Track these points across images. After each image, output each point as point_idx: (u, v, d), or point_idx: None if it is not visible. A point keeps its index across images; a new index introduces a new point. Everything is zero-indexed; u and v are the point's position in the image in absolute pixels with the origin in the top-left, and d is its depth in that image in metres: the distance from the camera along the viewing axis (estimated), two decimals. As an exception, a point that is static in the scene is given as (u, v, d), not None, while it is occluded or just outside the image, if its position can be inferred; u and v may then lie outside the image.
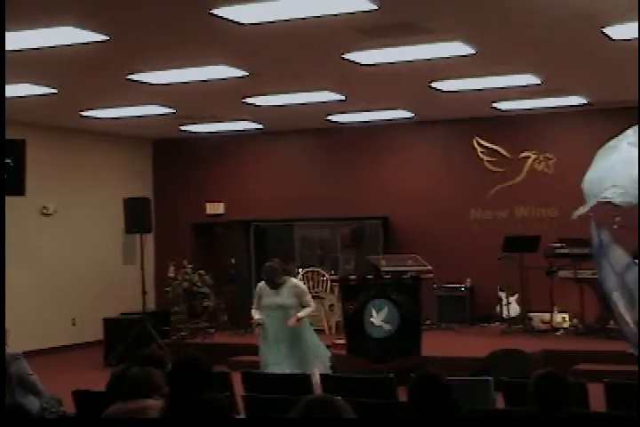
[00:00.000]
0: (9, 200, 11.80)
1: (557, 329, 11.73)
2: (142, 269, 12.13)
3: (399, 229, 13.83)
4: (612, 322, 11.30)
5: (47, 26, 7.42)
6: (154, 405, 4.38)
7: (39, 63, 8.86)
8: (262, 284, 8.54)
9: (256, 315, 8.49)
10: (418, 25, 7.76)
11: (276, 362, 8.19)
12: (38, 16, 7.14)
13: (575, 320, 11.85)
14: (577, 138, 13.02)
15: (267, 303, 8.42)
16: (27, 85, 9.97)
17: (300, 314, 8.36)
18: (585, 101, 12.02)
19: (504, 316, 12.34)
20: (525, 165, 13.25)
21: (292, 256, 14.13)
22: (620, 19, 7.64)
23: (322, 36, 8.09)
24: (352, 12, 7.19)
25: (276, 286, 8.39)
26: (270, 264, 8.53)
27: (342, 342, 10.30)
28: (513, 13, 7.51)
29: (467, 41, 8.38)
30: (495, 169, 13.39)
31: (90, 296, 13.59)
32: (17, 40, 7.79)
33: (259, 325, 8.47)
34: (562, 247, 11.54)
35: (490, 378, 6.17)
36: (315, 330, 12.47)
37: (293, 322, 8.29)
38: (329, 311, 12.80)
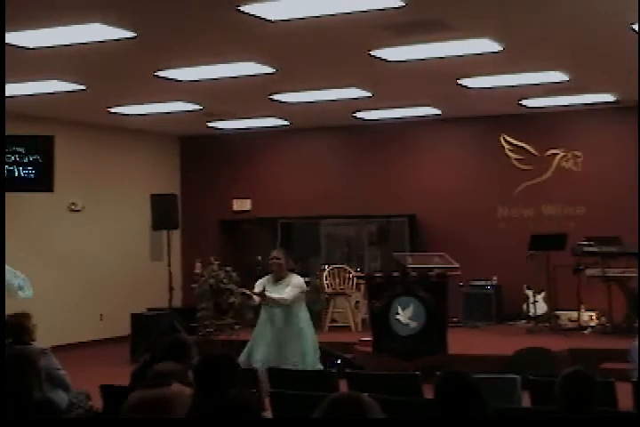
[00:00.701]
0: (37, 196, 11.93)
1: (584, 328, 11.67)
2: (169, 265, 12.18)
3: (426, 226, 13.80)
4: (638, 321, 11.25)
5: (75, 23, 7.47)
6: (179, 391, 4.42)
7: (68, 60, 8.92)
8: (265, 278, 8.43)
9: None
10: (445, 22, 7.74)
11: (265, 361, 8.02)
12: (66, 13, 7.19)
13: (603, 319, 11.78)
14: (605, 135, 12.94)
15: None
16: (55, 82, 10.03)
17: (268, 293, 8.17)
18: (613, 99, 11.94)
19: (531, 314, 12.29)
20: (553, 163, 13.18)
21: (316, 252, 14.14)
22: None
23: (349, 33, 8.08)
24: (380, 9, 7.19)
25: (279, 280, 8.30)
26: (275, 254, 8.41)
27: (368, 339, 10.30)
28: (540, 10, 7.47)
29: (494, 38, 8.34)
30: (522, 167, 13.33)
31: (117, 292, 13.66)
32: (45, 37, 7.86)
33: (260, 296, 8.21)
34: (589, 245, 11.48)
35: (516, 376, 6.15)
36: (340, 327, 12.61)
37: (258, 300, 8.19)
38: (355, 309, 12.81)
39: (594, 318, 11.89)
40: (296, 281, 8.38)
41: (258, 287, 8.37)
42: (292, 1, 6.99)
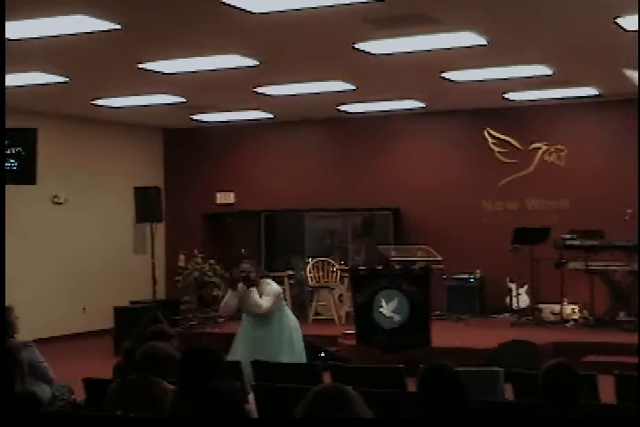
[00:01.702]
0: (20, 189, 11.83)
1: (567, 321, 11.72)
2: (153, 258, 12.15)
3: (410, 219, 13.82)
4: (621, 314, 11.31)
5: (59, 14, 7.43)
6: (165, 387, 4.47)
7: (51, 52, 8.87)
8: (240, 287, 7.96)
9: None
10: (429, 15, 7.74)
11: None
12: (50, 4, 7.15)
13: (585, 312, 11.84)
14: (588, 129, 12.98)
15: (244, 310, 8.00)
16: (38, 74, 9.98)
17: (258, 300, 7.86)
18: (597, 93, 11.98)
19: (514, 307, 12.34)
20: (536, 157, 13.21)
21: (300, 245, 14.15)
22: (634, 9, 7.60)
23: (333, 26, 8.07)
24: (364, 2, 7.17)
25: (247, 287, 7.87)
26: (245, 267, 7.96)
27: (352, 332, 10.31)
28: (524, 4, 7.48)
29: (478, 31, 8.35)
30: (506, 160, 13.36)
31: (100, 285, 13.63)
32: (29, 28, 7.81)
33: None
34: (572, 239, 11.52)
35: (499, 369, 6.17)
36: (324, 320, 12.62)
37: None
38: (338, 302, 12.82)
39: (576, 311, 11.95)
40: (269, 288, 7.93)
41: (231, 299, 8.01)
42: (276, -7, 6.98)
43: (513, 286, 12.41)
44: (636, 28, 8.16)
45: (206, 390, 3.45)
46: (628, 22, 7.96)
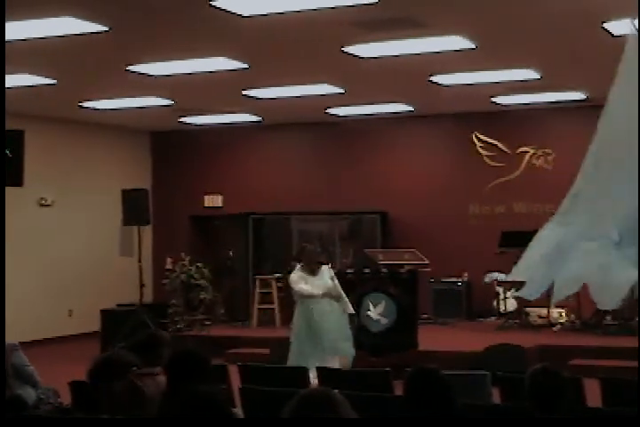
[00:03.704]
0: (7, 191, 11.80)
1: (554, 324, 11.75)
2: (140, 261, 12.11)
3: (397, 223, 13.83)
4: (608, 318, 11.34)
5: (48, 16, 7.42)
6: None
7: (39, 53, 8.85)
8: (299, 272, 8.40)
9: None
10: (417, 19, 7.75)
11: (313, 354, 8.05)
12: (39, 6, 7.13)
13: (572, 316, 11.87)
14: (576, 133, 12.95)
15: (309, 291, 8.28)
16: (26, 76, 9.95)
17: (349, 306, 8.43)
18: (584, 97, 12.01)
19: (501, 310, 12.35)
20: (524, 160, 13.25)
21: (288, 248, 14.13)
22: (621, 14, 7.62)
23: (322, 29, 8.08)
24: (352, 5, 7.18)
25: (316, 269, 8.26)
26: (310, 246, 8.43)
27: (339, 335, 10.29)
28: (513, 8, 7.50)
29: (466, 35, 8.37)
30: (494, 164, 13.39)
31: (87, 288, 13.58)
32: (17, 30, 7.78)
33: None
34: (560, 243, 11.52)
35: (486, 373, 6.17)
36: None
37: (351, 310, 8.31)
38: (326, 305, 12.79)
39: (563, 314, 11.98)
40: (331, 271, 8.57)
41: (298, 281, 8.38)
42: (264, -4, 6.98)
43: (500, 289, 12.43)
44: (623, 33, 8.18)
45: (191, 394, 3.44)
46: (616, 27, 7.98)
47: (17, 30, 7.79)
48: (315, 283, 8.35)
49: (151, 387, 4.47)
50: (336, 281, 8.43)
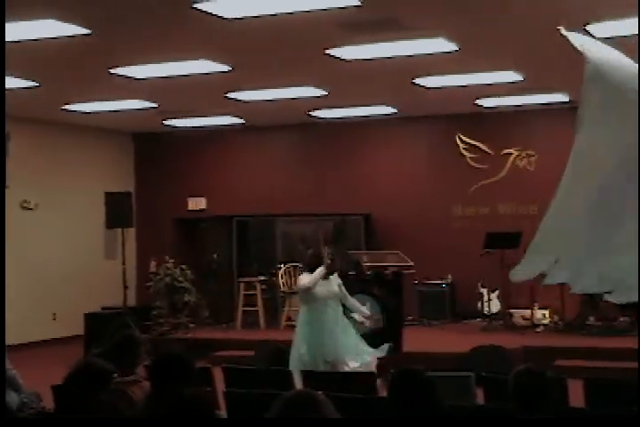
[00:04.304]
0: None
1: (537, 325, 11.78)
2: (124, 263, 12.08)
3: (381, 225, 13.84)
4: (591, 318, 11.39)
5: (30, 19, 7.39)
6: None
7: (21, 56, 8.80)
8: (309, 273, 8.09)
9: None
10: (401, 21, 7.77)
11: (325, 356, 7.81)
12: (21, 8, 7.10)
13: (555, 317, 11.91)
14: (559, 135, 12.99)
15: (323, 294, 7.99)
16: (8, 78, 9.89)
17: (364, 309, 8.30)
18: (567, 99, 12.06)
19: (485, 312, 12.39)
20: (507, 162, 13.29)
21: (272, 251, 14.12)
22: (603, 17, 7.67)
23: (305, 32, 8.08)
24: (336, 8, 7.19)
25: (330, 274, 8.05)
26: (329, 250, 8.19)
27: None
28: (496, 10, 7.53)
29: (450, 38, 8.39)
30: (477, 166, 13.42)
31: (71, 291, 13.53)
32: (-2, 33, 7.75)
33: None
34: (543, 244, 11.55)
35: (471, 374, 6.19)
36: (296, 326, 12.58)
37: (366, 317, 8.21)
38: (310, 307, 12.79)
39: (547, 316, 12.02)
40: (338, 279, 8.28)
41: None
42: (247, -2, 6.98)
43: (484, 291, 12.47)
44: (605, 35, 8.22)
45: (176, 396, 3.44)
46: (598, 29, 8.02)
47: (-1, 33, 7.76)
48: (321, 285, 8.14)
49: (139, 394, 4.47)
50: (343, 288, 8.27)
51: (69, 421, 3.97)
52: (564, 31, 5.09)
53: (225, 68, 9.50)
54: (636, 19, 7.60)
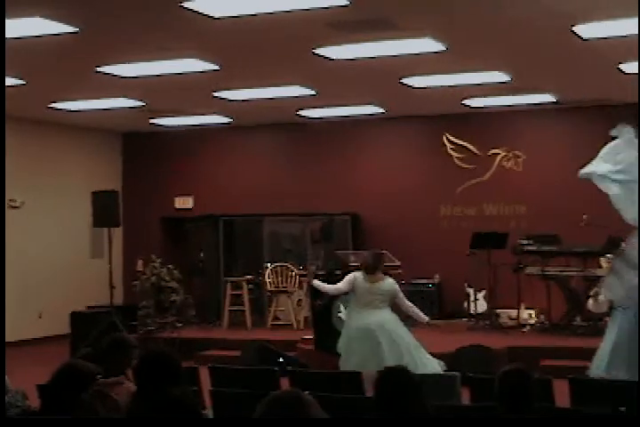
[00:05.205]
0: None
1: (524, 325, 11.81)
2: (110, 263, 12.04)
3: (368, 224, 13.85)
4: (577, 319, 11.42)
5: (16, 16, 7.35)
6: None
7: (8, 54, 8.76)
8: (359, 275, 8.04)
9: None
10: (389, 21, 7.77)
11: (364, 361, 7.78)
12: (7, 6, 7.06)
13: (542, 317, 11.94)
14: (546, 136, 13.11)
15: (367, 300, 8.01)
16: (-6, 76, 9.87)
17: (425, 317, 8.36)
18: (554, 99, 12.09)
19: (471, 312, 12.40)
20: (494, 162, 13.31)
21: (259, 250, 14.12)
22: (590, 18, 7.69)
23: (293, 31, 8.08)
24: (324, 7, 7.19)
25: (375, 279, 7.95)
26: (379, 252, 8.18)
27: (310, 337, 10.30)
28: (483, 11, 7.54)
29: (437, 38, 8.40)
30: (464, 166, 13.44)
31: (57, 290, 13.49)
32: (-15, 30, 7.72)
33: None
34: (529, 244, 11.61)
35: (456, 373, 6.20)
36: (283, 325, 12.61)
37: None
38: (297, 306, 12.81)
39: (533, 316, 12.05)
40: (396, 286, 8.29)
41: (350, 280, 8.12)
42: (235, -2, 6.97)
43: (471, 290, 12.48)
44: (592, 36, 8.26)
45: (162, 396, 3.43)
46: (585, 30, 8.05)
47: (-15, 30, 7.73)
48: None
49: (123, 396, 4.45)
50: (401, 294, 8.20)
51: (51, 421, 3.95)
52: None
53: (213, 66, 9.48)
54: (624, 20, 7.63)
